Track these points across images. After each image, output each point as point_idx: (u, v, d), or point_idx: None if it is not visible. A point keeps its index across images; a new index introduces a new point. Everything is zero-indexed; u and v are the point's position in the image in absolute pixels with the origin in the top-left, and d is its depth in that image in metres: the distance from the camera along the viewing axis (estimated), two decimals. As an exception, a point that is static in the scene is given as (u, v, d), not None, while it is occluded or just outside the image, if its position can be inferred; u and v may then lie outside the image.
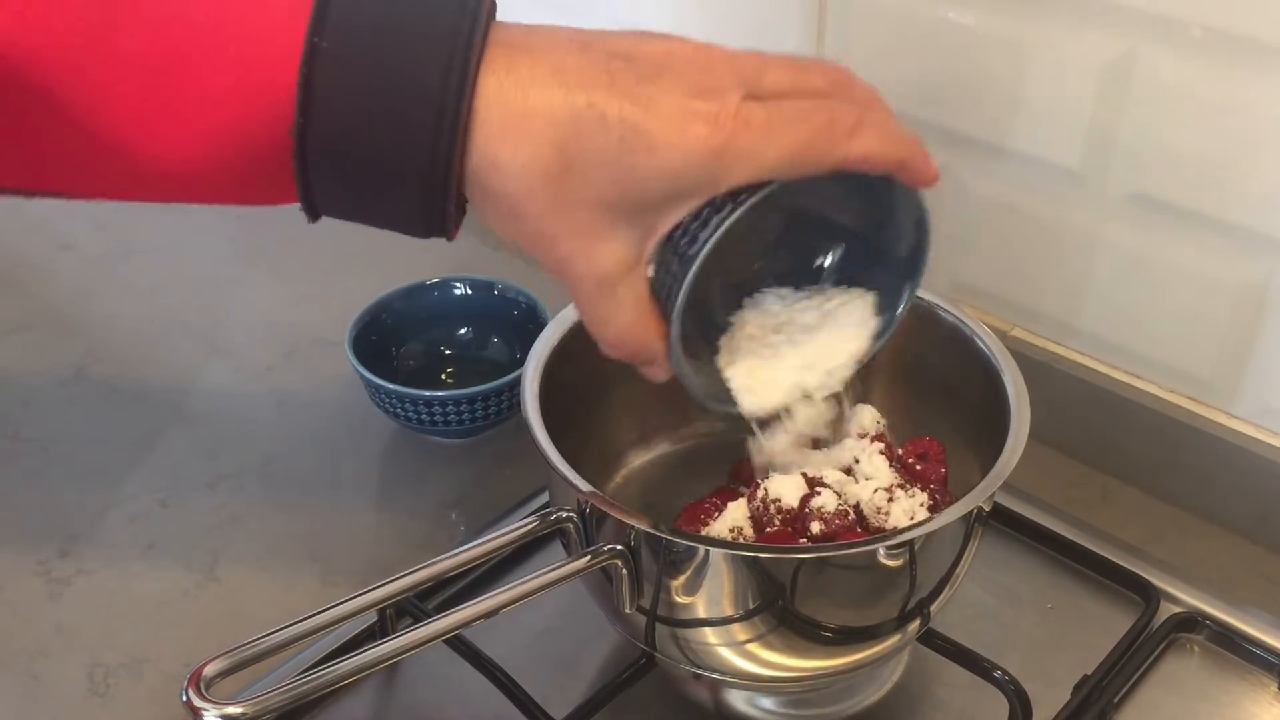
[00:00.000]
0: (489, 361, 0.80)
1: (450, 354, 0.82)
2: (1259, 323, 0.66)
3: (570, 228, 0.46)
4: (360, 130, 0.44)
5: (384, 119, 0.44)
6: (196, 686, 0.45)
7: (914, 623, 0.55)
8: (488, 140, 0.44)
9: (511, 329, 0.80)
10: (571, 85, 0.44)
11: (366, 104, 0.44)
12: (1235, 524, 0.70)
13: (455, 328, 0.82)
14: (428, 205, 0.46)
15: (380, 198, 0.46)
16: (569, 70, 0.44)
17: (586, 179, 0.45)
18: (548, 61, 0.45)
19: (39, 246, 0.96)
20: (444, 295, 0.81)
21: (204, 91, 0.44)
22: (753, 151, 0.44)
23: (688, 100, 0.44)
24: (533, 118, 0.44)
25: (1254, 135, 0.62)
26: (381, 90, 0.44)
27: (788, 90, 0.46)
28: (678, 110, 0.44)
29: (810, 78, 0.47)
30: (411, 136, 0.44)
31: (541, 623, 0.64)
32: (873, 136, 0.46)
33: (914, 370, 0.65)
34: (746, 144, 0.44)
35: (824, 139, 0.45)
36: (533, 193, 0.45)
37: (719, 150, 0.44)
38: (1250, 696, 0.61)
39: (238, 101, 0.44)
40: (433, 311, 0.81)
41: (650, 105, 0.44)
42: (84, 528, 0.71)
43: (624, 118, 0.44)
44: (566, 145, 0.44)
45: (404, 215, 0.47)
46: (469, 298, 0.81)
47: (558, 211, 0.45)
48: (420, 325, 0.81)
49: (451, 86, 0.43)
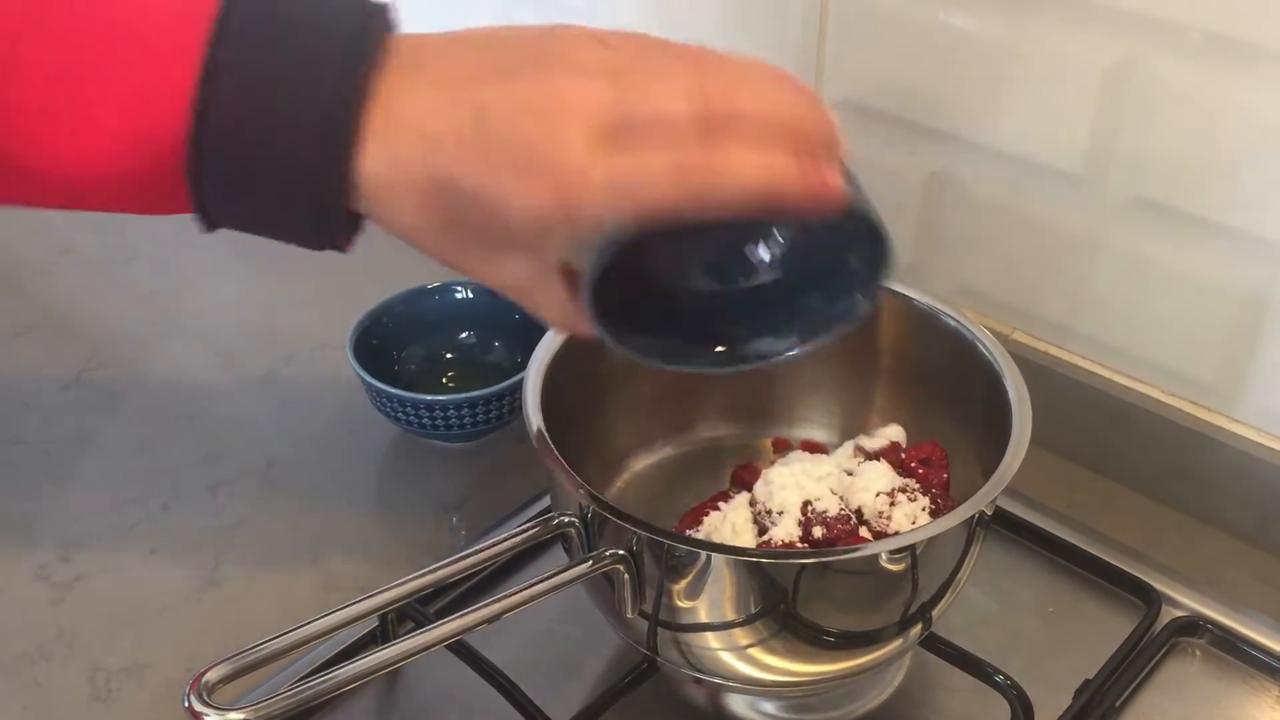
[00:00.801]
0: (490, 366, 0.80)
1: (452, 358, 0.82)
2: (1260, 326, 0.66)
3: (467, 259, 0.49)
4: (253, 146, 0.45)
5: (276, 138, 0.45)
6: (198, 692, 0.45)
7: (916, 627, 0.55)
8: (374, 198, 0.46)
9: (513, 333, 0.80)
10: (432, 155, 0.46)
11: (260, 121, 0.45)
12: (1237, 528, 0.70)
13: (457, 332, 0.82)
14: (319, 223, 0.48)
15: (271, 213, 0.48)
16: (431, 137, 0.46)
17: (463, 223, 0.47)
18: (416, 127, 0.46)
19: (41, 250, 0.96)
20: (445, 299, 0.81)
21: (103, 100, 0.45)
22: (596, 214, 0.45)
23: (531, 166, 0.45)
24: (403, 184, 0.46)
25: (1254, 139, 0.62)
26: (275, 109, 0.45)
27: (644, 121, 0.45)
28: (520, 182, 0.45)
29: (674, 102, 0.45)
30: (301, 161, 0.46)
31: (543, 627, 0.64)
32: (748, 166, 0.44)
33: (915, 374, 0.65)
34: (591, 207, 0.45)
35: (674, 194, 0.44)
36: (421, 239, 0.48)
37: (564, 215, 0.45)
38: (1252, 701, 0.61)
39: (136, 111, 0.45)
40: (434, 315, 0.81)
41: (498, 174, 0.45)
42: (85, 532, 0.71)
43: (476, 188, 0.45)
44: (439, 198, 0.46)
45: (296, 231, 0.49)
46: (470, 301, 0.81)
47: (450, 249, 0.48)
48: (421, 329, 0.81)
49: (343, 118, 0.45)
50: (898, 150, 0.76)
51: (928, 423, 0.64)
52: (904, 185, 0.77)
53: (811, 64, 0.77)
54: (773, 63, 0.48)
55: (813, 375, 0.68)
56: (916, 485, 0.59)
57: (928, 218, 0.77)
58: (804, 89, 0.47)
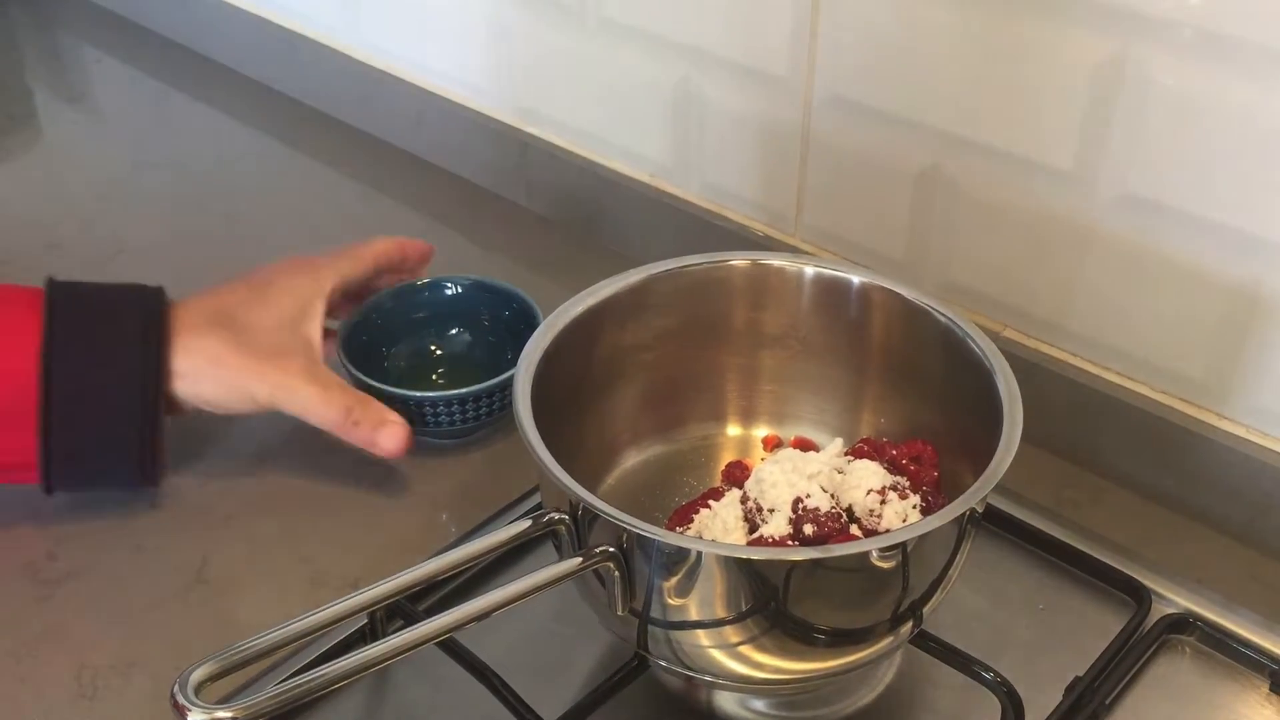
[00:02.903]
0: (480, 362, 0.80)
1: (441, 354, 0.82)
2: (1250, 324, 0.66)
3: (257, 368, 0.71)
4: None
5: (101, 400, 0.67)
6: (185, 690, 0.45)
7: (906, 624, 0.55)
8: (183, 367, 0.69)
9: (503, 329, 0.80)
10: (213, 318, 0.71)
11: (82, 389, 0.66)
12: (1227, 525, 0.70)
13: (446, 328, 0.82)
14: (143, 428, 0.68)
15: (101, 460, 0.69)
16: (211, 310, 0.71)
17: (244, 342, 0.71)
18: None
19: (27, 246, 0.95)
20: (435, 295, 0.81)
21: None
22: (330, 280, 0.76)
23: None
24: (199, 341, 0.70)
25: (1245, 136, 0.62)
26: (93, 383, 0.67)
27: None
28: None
29: None
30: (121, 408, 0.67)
31: (533, 625, 0.64)
32: None
33: (906, 371, 0.65)
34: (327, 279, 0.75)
35: None
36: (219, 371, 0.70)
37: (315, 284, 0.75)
38: (1241, 698, 0.61)
39: None
40: (423, 312, 0.81)
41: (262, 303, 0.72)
42: (72, 529, 0.70)
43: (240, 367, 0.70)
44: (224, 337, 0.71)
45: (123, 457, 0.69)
46: (460, 297, 0.81)
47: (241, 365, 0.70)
48: (411, 325, 0.81)
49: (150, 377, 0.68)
50: (888, 147, 0.76)
51: (918, 419, 0.64)
52: (894, 182, 0.77)
53: (803, 61, 0.77)
54: (764, 60, 0.49)
55: (804, 372, 0.68)
56: (907, 483, 0.59)
57: (918, 215, 0.77)
58: None
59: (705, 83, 0.84)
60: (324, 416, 0.70)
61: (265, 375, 0.69)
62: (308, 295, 0.72)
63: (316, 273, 0.74)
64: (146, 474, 0.69)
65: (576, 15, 0.89)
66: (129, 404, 0.67)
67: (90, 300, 0.68)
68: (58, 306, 0.67)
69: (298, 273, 0.74)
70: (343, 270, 0.75)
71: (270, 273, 0.74)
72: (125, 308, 0.68)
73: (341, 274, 0.75)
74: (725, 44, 0.81)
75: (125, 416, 0.67)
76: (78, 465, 0.67)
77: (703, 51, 0.83)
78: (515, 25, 0.95)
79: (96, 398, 0.66)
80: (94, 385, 0.66)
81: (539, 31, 0.94)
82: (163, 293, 0.70)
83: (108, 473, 0.69)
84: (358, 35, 1.11)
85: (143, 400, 0.67)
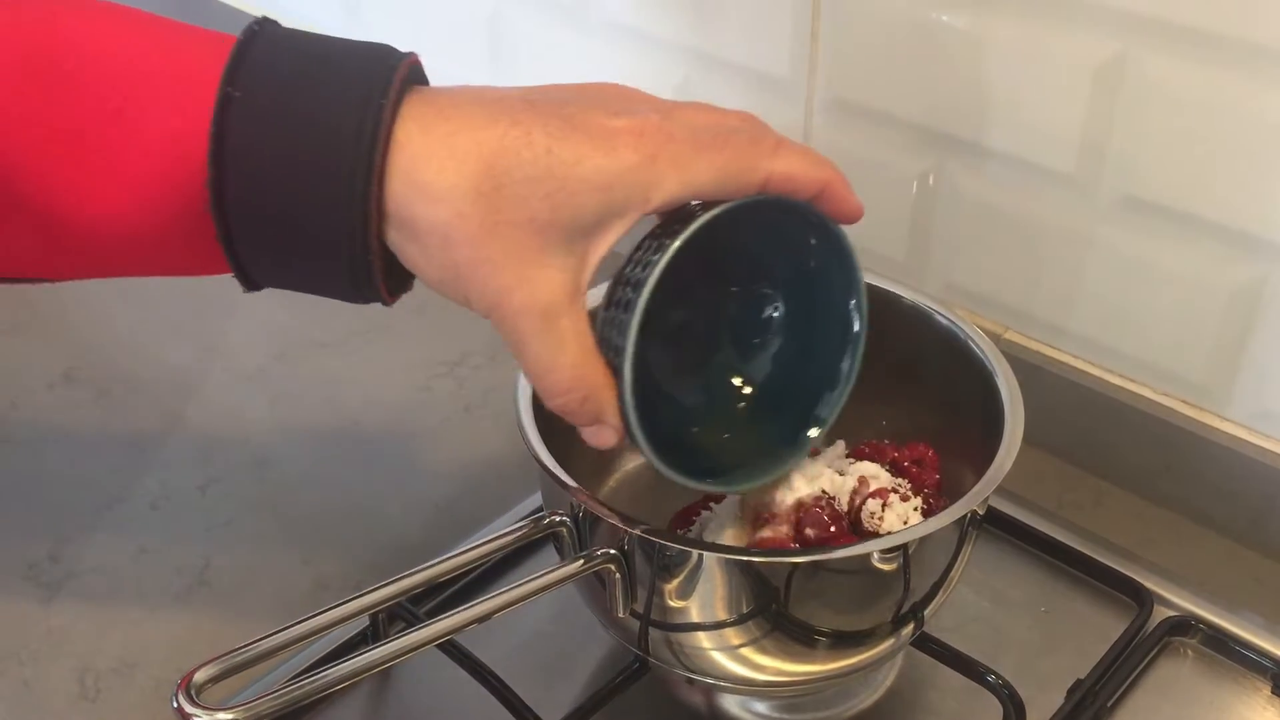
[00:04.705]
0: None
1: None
2: (1252, 325, 0.66)
3: (505, 251, 0.45)
4: (275, 176, 0.44)
5: (299, 161, 0.44)
6: (187, 692, 0.45)
7: (908, 627, 0.55)
8: (412, 162, 0.44)
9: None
10: (494, 110, 0.45)
11: (280, 148, 0.44)
12: (1228, 527, 0.70)
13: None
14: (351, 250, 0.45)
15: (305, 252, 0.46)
16: (489, 101, 0.46)
17: (517, 197, 0.44)
18: (468, 94, 0.46)
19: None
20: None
21: (128, 146, 0.44)
22: (678, 162, 0.45)
23: (610, 119, 0.45)
24: (457, 136, 0.44)
25: (1246, 137, 0.62)
26: (295, 133, 0.44)
27: (703, 123, 0.47)
28: (601, 127, 0.45)
29: (726, 116, 0.48)
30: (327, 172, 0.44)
31: (534, 627, 0.64)
32: (795, 157, 0.48)
33: (908, 373, 0.64)
34: (672, 155, 0.45)
35: (747, 155, 0.47)
36: (463, 214, 0.44)
37: (645, 162, 0.45)
38: (1244, 700, 0.61)
39: (159, 154, 0.44)
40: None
41: (574, 122, 0.45)
42: (74, 531, 0.70)
43: (550, 133, 0.44)
44: (494, 163, 0.44)
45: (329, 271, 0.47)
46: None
47: (491, 234, 0.44)
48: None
49: (369, 119, 0.44)
50: (889, 149, 0.76)
51: (920, 421, 0.64)
52: (896, 184, 0.77)
53: (803, 63, 0.77)
54: (765, 62, 0.49)
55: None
56: (909, 485, 0.59)
57: (920, 217, 0.77)
58: None
59: (706, 84, 0.84)
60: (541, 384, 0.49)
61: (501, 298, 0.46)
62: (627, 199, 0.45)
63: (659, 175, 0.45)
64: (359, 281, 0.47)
65: (577, 15, 0.89)
66: None
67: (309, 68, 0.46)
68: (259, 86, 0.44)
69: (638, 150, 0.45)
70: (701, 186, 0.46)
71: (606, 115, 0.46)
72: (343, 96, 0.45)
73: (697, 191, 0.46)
74: (726, 45, 0.81)
75: None
76: None
77: (703, 53, 0.83)
78: (515, 25, 0.95)
79: None
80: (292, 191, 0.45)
81: (539, 32, 0.94)
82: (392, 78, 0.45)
83: None
84: (358, 35, 1.10)
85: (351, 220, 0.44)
